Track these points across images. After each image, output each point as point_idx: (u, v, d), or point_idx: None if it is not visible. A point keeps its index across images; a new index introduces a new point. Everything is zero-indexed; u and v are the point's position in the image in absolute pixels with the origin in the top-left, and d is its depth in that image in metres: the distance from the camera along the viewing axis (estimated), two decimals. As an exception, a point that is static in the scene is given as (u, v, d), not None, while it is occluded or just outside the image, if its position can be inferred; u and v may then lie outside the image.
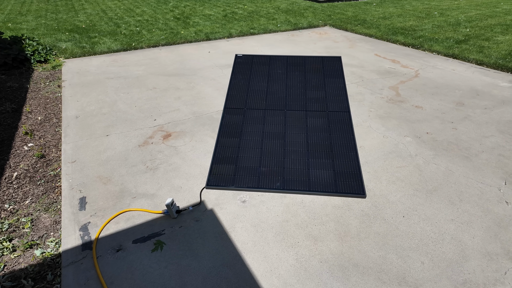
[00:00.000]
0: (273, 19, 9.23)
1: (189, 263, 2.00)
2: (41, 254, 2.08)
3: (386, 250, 2.09)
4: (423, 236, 2.19)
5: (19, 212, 2.43)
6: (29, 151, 3.18)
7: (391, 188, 2.64)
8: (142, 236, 2.19)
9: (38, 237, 2.23)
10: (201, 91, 4.51)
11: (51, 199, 2.57)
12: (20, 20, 9.17)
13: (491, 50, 6.15)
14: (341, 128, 3.03)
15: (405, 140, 3.31)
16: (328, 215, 2.37)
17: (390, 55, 6.08)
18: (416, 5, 11.43)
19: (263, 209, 2.44)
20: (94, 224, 2.30)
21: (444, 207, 2.44)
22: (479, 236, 2.19)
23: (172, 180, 2.74)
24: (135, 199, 2.53)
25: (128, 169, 2.88)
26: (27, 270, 1.99)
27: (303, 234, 2.21)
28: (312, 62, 3.66)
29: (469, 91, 4.47)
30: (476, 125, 3.59)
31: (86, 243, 2.15)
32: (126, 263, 2.01)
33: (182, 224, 2.29)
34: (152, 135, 3.43)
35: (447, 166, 2.91)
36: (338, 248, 2.11)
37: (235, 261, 2.02)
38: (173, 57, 5.99)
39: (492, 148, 3.17)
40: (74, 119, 3.75)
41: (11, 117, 3.84)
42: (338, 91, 3.36)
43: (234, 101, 3.32)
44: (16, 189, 2.68)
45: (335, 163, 2.76)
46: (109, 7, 11.58)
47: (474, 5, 11.24)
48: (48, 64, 5.63)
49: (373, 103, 4.12)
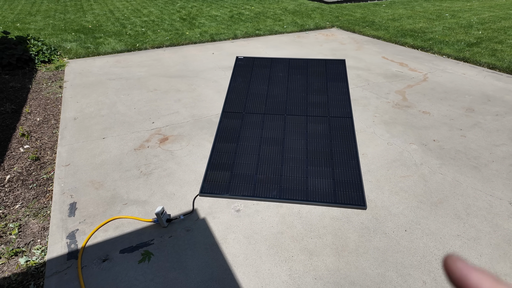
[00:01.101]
0: (279, 20, 9.12)
1: (176, 276, 1.91)
2: (25, 263, 2.01)
3: (386, 267, 1.97)
4: (426, 252, 2.06)
5: (7, 217, 2.38)
6: (24, 153, 3.14)
7: (394, 199, 2.51)
8: (130, 246, 2.11)
9: (24, 244, 2.16)
10: (202, 93, 4.43)
11: (42, 204, 2.51)
12: (29, 20, 9.25)
13: (504, 53, 5.93)
14: (342, 135, 2.90)
15: (411, 147, 3.17)
16: (326, 227, 2.25)
17: (398, 58, 5.91)
18: (427, 6, 11.17)
19: (257, 219, 2.33)
20: (82, 231, 2.22)
21: (450, 221, 2.29)
22: (487, 254, 2.05)
23: (166, 187, 2.65)
24: (126, 206, 2.45)
25: (122, 173, 2.81)
26: (10, 280, 1.92)
27: (298, 248, 2.10)
28: (315, 65, 3.54)
29: (480, 97, 4.29)
30: (486, 133, 3.42)
31: (72, 251, 2.07)
32: (111, 274, 1.93)
33: (172, 234, 2.20)
34: (149, 138, 3.35)
35: (454, 176, 2.75)
36: (334, 263, 1.99)
37: (225, 275, 1.92)
38: (176, 58, 5.93)
39: (503, 158, 3.00)
40: (72, 121, 3.70)
41: (10, 118, 3.81)
42: (341, 96, 3.23)
43: (233, 104, 3.23)
44: (8, 193, 2.63)
45: (335, 171, 2.64)
46: (117, 7, 11.63)
47: (487, 7, 10.94)
48: (51, 65, 5.63)
49: (378, 108, 3.98)
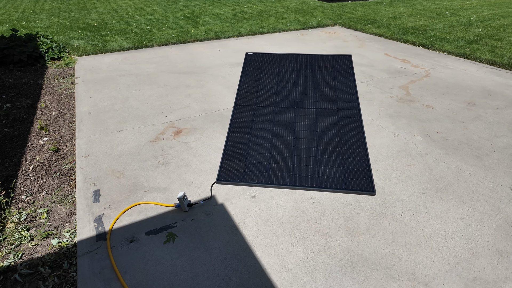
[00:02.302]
0: (282, 18, 9.24)
1: (200, 255, 2.04)
2: (57, 244, 2.14)
3: (396, 246, 2.10)
4: (432, 233, 2.20)
5: (35, 203, 2.51)
6: (44, 145, 3.26)
7: (401, 186, 2.65)
8: (154, 228, 2.24)
9: (54, 227, 2.29)
10: (211, 88, 4.56)
11: (66, 192, 2.64)
12: (34, 19, 9.36)
13: (504, 50, 6.07)
14: (351, 126, 3.04)
15: (415, 139, 3.31)
16: (338, 212, 2.39)
17: (400, 54, 6.05)
18: (427, 5, 11.32)
19: (272, 204, 2.47)
20: (108, 216, 2.35)
21: (454, 206, 2.43)
22: (489, 235, 2.19)
23: (183, 175, 2.79)
24: (147, 193, 2.58)
25: (140, 163, 2.94)
26: (44, 259, 2.05)
27: (312, 230, 2.24)
28: (322, 61, 3.68)
29: (481, 91, 4.43)
30: (487, 125, 3.56)
31: (100, 234, 2.20)
32: (139, 254, 2.06)
33: (193, 217, 2.34)
34: (164, 131, 3.48)
35: (458, 165, 2.89)
36: (347, 243, 2.13)
37: (245, 254, 2.05)
38: (183, 56, 6.05)
39: (503, 148, 3.14)
40: (87, 115, 3.83)
41: (26, 112, 3.94)
42: (348, 89, 3.36)
43: (244, 98, 3.36)
44: (33, 181, 2.75)
45: (344, 160, 2.77)
46: (120, 6, 11.73)
47: (486, 5, 11.09)
48: (61, 62, 5.75)
49: (383, 102, 4.12)
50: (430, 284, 1.86)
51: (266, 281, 1.88)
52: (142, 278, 1.90)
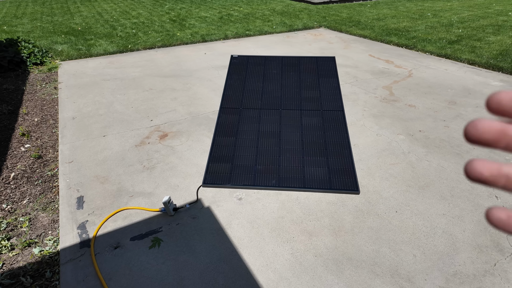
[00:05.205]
0: (268, 21, 9.30)
1: (186, 259, 2.04)
2: (40, 252, 2.10)
3: (379, 244, 2.14)
4: (415, 230, 2.24)
5: (17, 212, 2.45)
6: (26, 152, 3.20)
7: (384, 184, 2.70)
8: (139, 234, 2.23)
9: (36, 236, 2.25)
10: (197, 92, 4.55)
11: (49, 199, 2.59)
12: (16, 23, 9.16)
13: (483, 50, 6.26)
14: (335, 127, 3.08)
15: (398, 138, 3.37)
16: (323, 211, 2.42)
17: (384, 55, 6.16)
18: (410, 6, 11.57)
19: (259, 206, 2.48)
20: (92, 222, 2.32)
21: (436, 202, 2.49)
22: (469, 230, 2.25)
23: (169, 179, 2.77)
24: (132, 198, 2.55)
25: (125, 168, 2.91)
26: (26, 268, 2.01)
27: (298, 230, 2.26)
28: (307, 63, 3.72)
29: (461, 90, 4.55)
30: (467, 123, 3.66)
31: (84, 241, 2.17)
32: (124, 259, 2.04)
33: (179, 222, 2.33)
34: (149, 135, 3.46)
35: (439, 162, 2.97)
36: (332, 242, 2.15)
37: (232, 256, 2.05)
38: (169, 59, 6.02)
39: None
40: (71, 120, 3.77)
41: (7, 119, 3.85)
42: (332, 91, 3.41)
43: (230, 101, 3.37)
44: (14, 189, 2.69)
45: (329, 160, 2.81)
46: (105, 9, 11.59)
47: (466, 7, 11.40)
48: (44, 67, 5.64)
49: (367, 103, 4.19)
50: (413, 280, 1.90)
51: (252, 282, 1.88)
52: (127, 284, 1.88)
